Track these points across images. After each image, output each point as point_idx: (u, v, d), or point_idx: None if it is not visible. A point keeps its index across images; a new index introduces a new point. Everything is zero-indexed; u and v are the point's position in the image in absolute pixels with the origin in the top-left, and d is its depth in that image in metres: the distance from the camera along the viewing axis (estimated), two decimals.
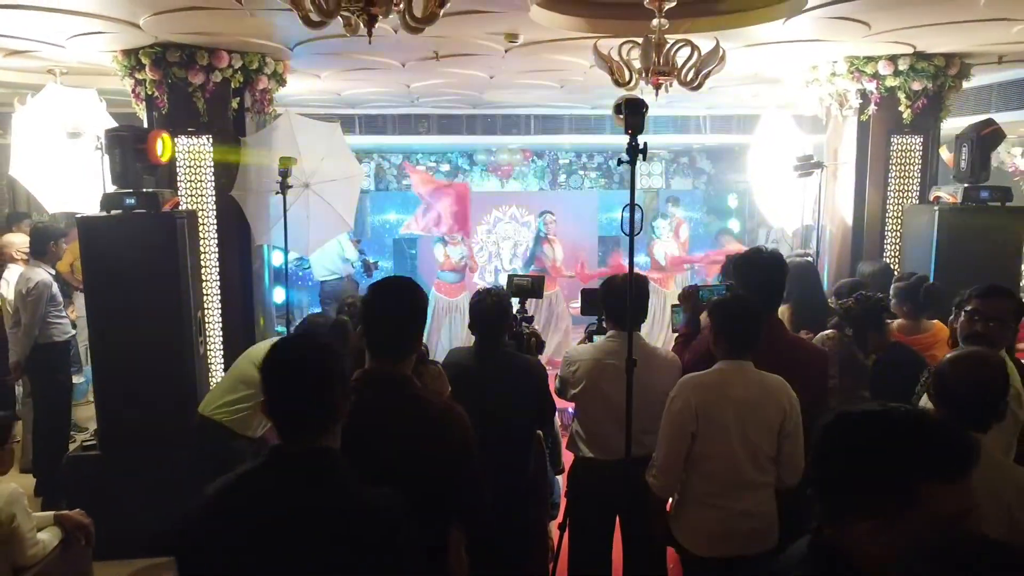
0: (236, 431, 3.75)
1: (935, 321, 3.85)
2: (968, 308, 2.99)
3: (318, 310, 6.92)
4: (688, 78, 3.76)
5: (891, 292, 3.96)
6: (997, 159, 8.40)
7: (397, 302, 2.14)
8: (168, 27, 4.16)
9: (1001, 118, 6.47)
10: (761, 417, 2.67)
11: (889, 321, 3.57)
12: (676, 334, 3.68)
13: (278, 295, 6.08)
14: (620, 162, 2.81)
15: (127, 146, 4.11)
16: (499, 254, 10.13)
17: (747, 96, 7.23)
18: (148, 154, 4.06)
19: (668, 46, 3.73)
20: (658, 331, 7.32)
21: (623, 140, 2.79)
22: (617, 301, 3.06)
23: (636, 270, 3.03)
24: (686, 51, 3.72)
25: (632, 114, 2.77)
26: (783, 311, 4.29)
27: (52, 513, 3.17)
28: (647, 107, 2.82)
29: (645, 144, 2.78)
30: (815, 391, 2.95)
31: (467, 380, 2.98)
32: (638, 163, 2.78)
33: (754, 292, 3.03)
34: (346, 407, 1.70)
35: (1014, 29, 4.29)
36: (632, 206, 2.83)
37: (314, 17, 2.42)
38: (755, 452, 2.64)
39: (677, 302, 3.78)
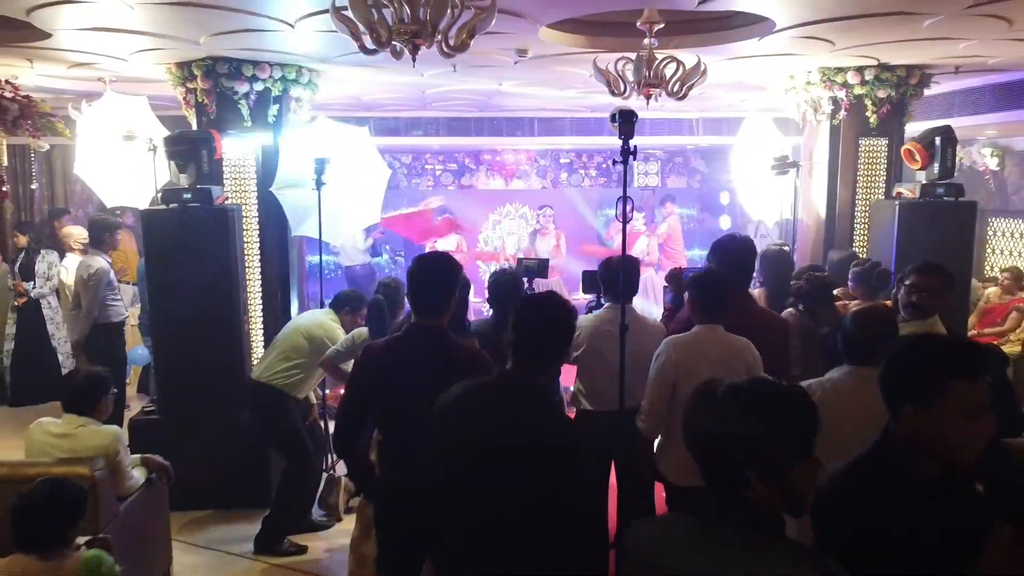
0: (290, 394, 4.37)
1: (888, 301, 4.45)
2: (907, 282, 3.61)
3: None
4: (674, 89, 4.37)
5: (849, 276, 4.57)
6: (970, 159, 9.04)
7: (433, 269, 2.76)
8: (223, 44, 4.76)
9: (964, 121, 7.13)
10: (730, 369, 3.24)
11: (841, 299, 4.16)
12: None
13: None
14: (615, 162, 3.42)
15: (197, 147, 4.72)
16: (504, 247, 10.74)
17: (736, 101, 7.85)
18: (216, 152, 4.70)
19: (657, 62, 4.35)
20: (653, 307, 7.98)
21: (616, 141, 3.39)
22: (613, 276, 3.68)
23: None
24: (673, 66, 4.34)
25: (624, 122, 3.37)
26: (759, 294, 4.92)
27: (139, 456, 3.77)
28: (637, 116, 3.43)
29: (635, 147, 3.38)
30: (779, 354, 3.55)
31: (488, 345, 3.59)
32: (634, 162, 3.38)
33: (728, 270, 3.64)
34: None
35: (960, 46, 4.90)
36: (624, 198, 3.45)
37: (370, 46, 3.03)
38: None
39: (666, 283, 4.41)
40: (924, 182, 5.34)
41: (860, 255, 5.64)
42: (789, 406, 1.47)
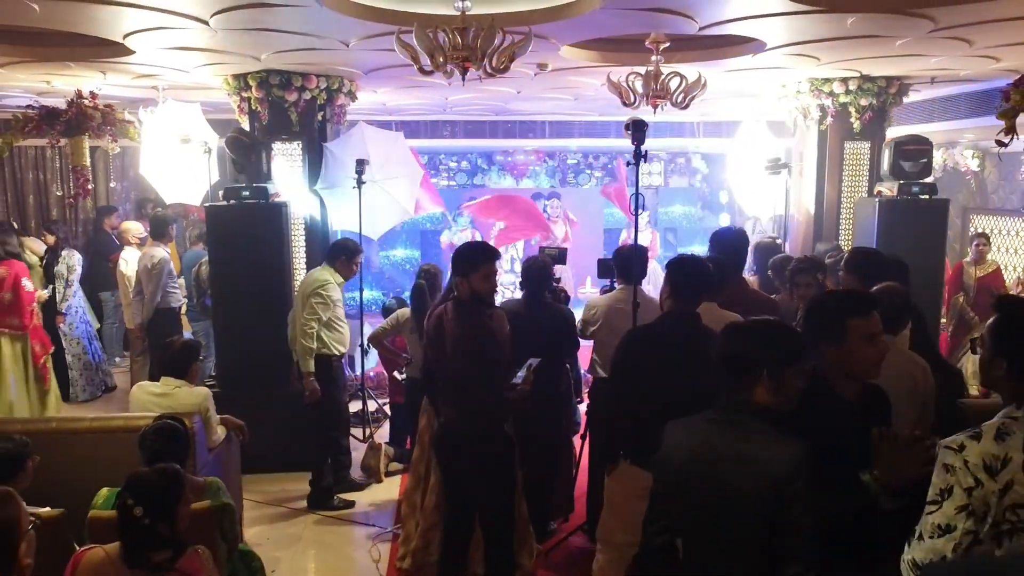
0: (328, 356, 4.94)
1: None
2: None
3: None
4: (678, 100, 5.00)
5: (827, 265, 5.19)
6: (952, 160, 9.66)
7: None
8: (279, 60, 5.39)
9: (944, 126, 7.76)
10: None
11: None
12: None
13: None
14: (628, 163, 4.05)
15: (255, 151, 5.34)
16: (515, 244, 11.37)
17: (734, 106, 8.48)
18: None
19: (663, 76, 4.97)
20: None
21: (625, 143, 4.01)
22: (625, 262, 4.32)
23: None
24: (676, 80, 4.97)
25: (637, 130, 4.01)
26: (753, 280, 5.55)
27: (220, 416, 4.39)
28: (648, 125, 4.06)
29: (646, 151, 4.01)
30: None
31: (519, 321, 4.22)
32: (641, 164, 4.02)
33: (725, 257, 4.26)
34: None
35: (932, 60, 5.52)
36: (637, 194, 4.09)
37: (427, 69, 3.66)
38: None
39: None
40: (901, 182, 5.97)
41: (845, 247, 6.26)
42: (779, 329, 2.22)
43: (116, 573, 2.35)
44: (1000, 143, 3.31)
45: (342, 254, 5.01)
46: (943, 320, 7.14)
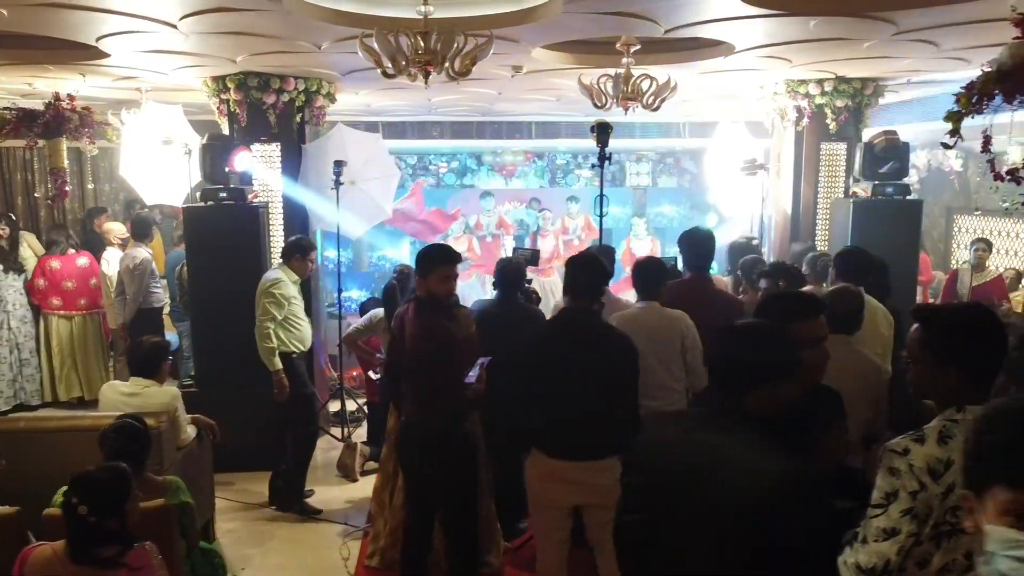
0: (290, 354, 4.97)
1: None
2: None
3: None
4: (648, 102, 5.04)
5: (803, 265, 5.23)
6: (937, 161, 9.70)
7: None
8: (256, 62, 5.44)
9: (926, 127, 7.79)
10: (666, 337, 3.76)
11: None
12: None
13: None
14: (592, 166, 4.10)
15: (218, 152, 5.38)
16: (504, 243, 11.42)
17: (720, 107, 8.51)
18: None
19: (634, 78, 5.01)
20: None
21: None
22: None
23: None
24: (647, 82, 5.01)
25: (601, 133, 4.07)
26: (727, 280, 5.60)
27: (191, 416, 4.44)
28: (612, 128, 4.12)
29: (611, 153, 4.07)
30: None
31: (491, 321, 4.26)
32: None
33: (693, 256, 4.31)
34: None
35: (904, 62, 5.56)
36: (601, 196, 4.14)
37: (390, 72, 3.71)
38: (667, 364, 3.75)
39: None
40: (876, 182, 6.01)
41: (820, 247, 6.30)
42: (773, 336, 2.09)
43: (63, 569, 2.40)
44: (945, 145, 3.35)
45: (296, 252, 5.03)
46: None
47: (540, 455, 3.28)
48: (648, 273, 3.97)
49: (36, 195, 7.88)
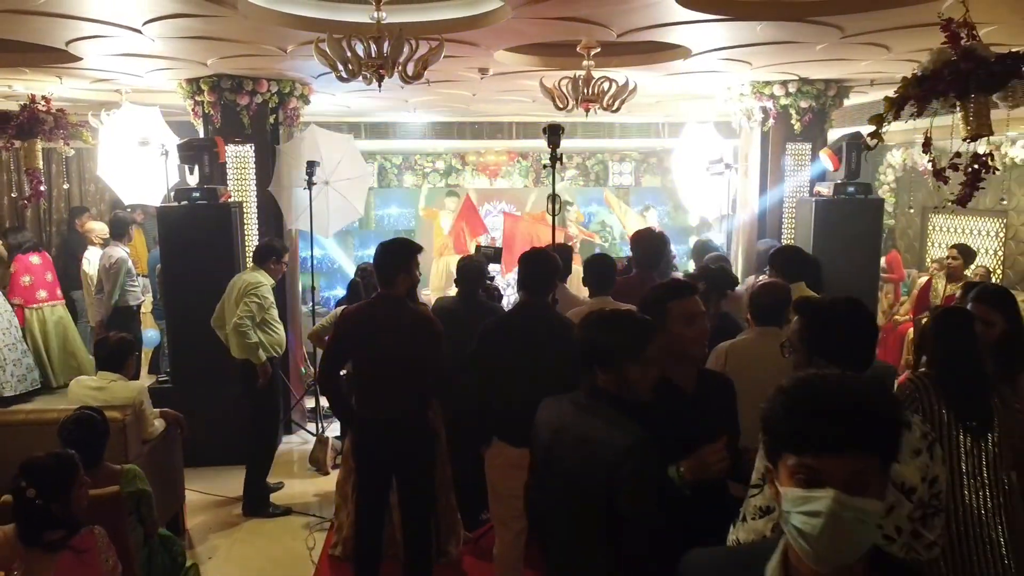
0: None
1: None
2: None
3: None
4: (608, 103, 5.16)
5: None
6: (911, 159, 9.82)
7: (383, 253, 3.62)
8: (227, 65, 5.56)
9: (896, 127, 7.89)
10: None
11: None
12: None
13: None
14: (545, 166, 4.22)
15: (201, 152, 5.51)
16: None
17: (695, 107, 8.63)
18: (219, 156, 5.48)
19: (594, 80, 5.13)
20: None
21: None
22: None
23: None
24: (607, 84, 5.13)
25: (552, 135, 4.19)
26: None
27: (159, 409, 4.56)
28: (563, 129, 4.24)
29: (562, 154, 4.18)
30: None
31: (453, 317, 4.38)
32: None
33: (641, 255, 4.44)
34: None
35: (862, 64, 5.69)
36: (554, 195, 4.25)
37: (344, 76, 3.83)
38: None
39: None
40: (838, 182, 6.14)
41: (785, 244, 6.42)
42: (625, 322, 2.29)
43: (12, 551, 2.52)
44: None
45: (272, 255, 5.14)
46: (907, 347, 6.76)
47: (501, 444, 3.44)
48: (601, 270, 4.12)
49: (13, 195, 8.01)
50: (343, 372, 5.75)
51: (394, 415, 3.67)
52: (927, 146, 4.02)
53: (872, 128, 3.48)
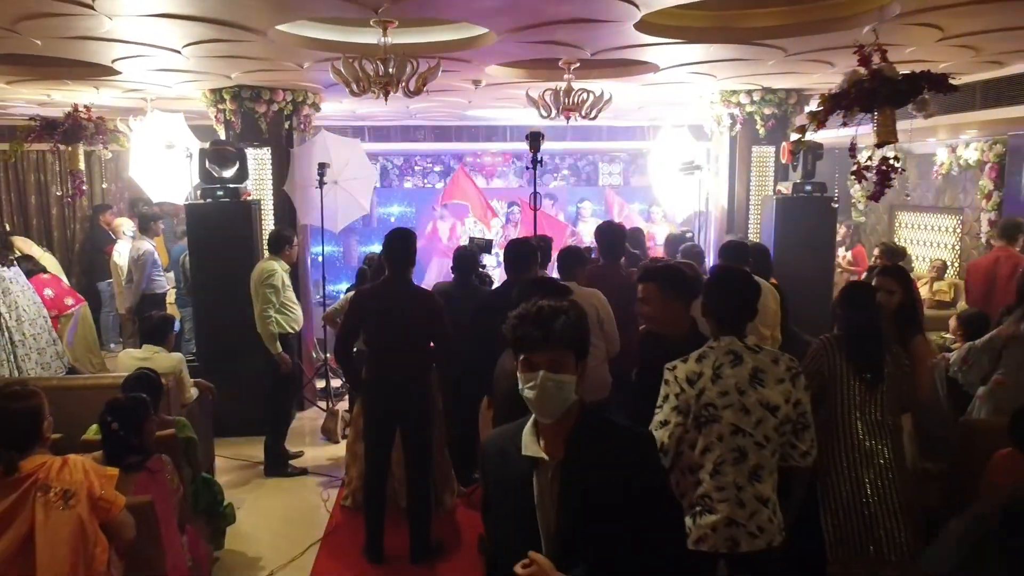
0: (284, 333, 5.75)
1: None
2: None
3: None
4: (586, 112, 5.85)
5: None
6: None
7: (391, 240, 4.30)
8: (248, 77, 6.25)
9: (864, 130, 8.57)
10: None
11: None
12: None
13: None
14: (527, 167, 4.91)
15: (234, 159, 6.21)
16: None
17: (675, 112, 9.32)
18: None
19: (574, 92, 5.82)
20: None
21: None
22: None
23: None
24: (585, 95, 5.81)
25: (533, 140, 4.88)
26: None
27: (193, 380, 5.24)
28: (543, 136, 4.94)
29: (542, 157, 4.88)
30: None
31: (451, 300, 5.06)
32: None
33: (605, 246, 5.13)
34: None
35: (814, 76, 6.37)
36: (535, 194, 4.95)
37: (355, 91, 4.51)
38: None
39: None
40: (796, 181, 6.83)
41: (750, 240, 7.10)
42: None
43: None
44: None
45: (285, 244, 5.77)
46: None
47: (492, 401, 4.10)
48: (568, 259, 4.81)
49: (57, 193, 8.67)
50: (354, 350, 6.51)
51: (400, 378, 4.35)
52: (853, 151, 4.71)
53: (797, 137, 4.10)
